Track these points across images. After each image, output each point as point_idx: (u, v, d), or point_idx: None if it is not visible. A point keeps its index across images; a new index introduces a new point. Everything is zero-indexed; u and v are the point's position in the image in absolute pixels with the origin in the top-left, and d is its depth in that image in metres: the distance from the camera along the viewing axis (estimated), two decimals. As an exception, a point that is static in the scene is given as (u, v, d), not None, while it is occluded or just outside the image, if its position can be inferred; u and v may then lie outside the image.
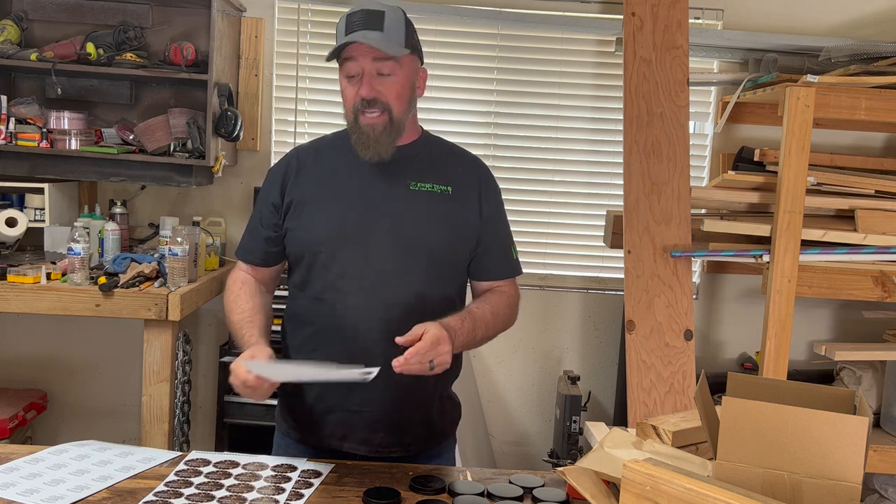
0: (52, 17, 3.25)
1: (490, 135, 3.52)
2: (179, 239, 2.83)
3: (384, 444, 1.81)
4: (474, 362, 3.60)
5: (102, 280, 2.79)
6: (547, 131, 3.53)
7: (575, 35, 3.45)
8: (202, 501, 1.43)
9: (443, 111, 3.49)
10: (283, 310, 1.92)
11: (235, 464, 1.61)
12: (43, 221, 3.10)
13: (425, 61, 1.87)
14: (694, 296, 3.35)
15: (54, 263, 2.95)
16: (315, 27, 3.46)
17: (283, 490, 1.48)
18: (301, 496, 1.48)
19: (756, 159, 3.04)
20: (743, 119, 3.43)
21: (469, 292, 1.95)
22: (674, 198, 2.90)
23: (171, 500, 1.43)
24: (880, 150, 3.50)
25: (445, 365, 1.63)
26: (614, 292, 3.56)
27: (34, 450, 1.65)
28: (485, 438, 3.57)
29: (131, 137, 3.15)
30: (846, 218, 2.93)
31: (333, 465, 1.64)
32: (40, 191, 3.08)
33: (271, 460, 1.63)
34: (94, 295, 2.75)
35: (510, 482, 1.58)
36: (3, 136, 3.00)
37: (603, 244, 3.38)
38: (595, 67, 3.50)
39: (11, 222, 3.01)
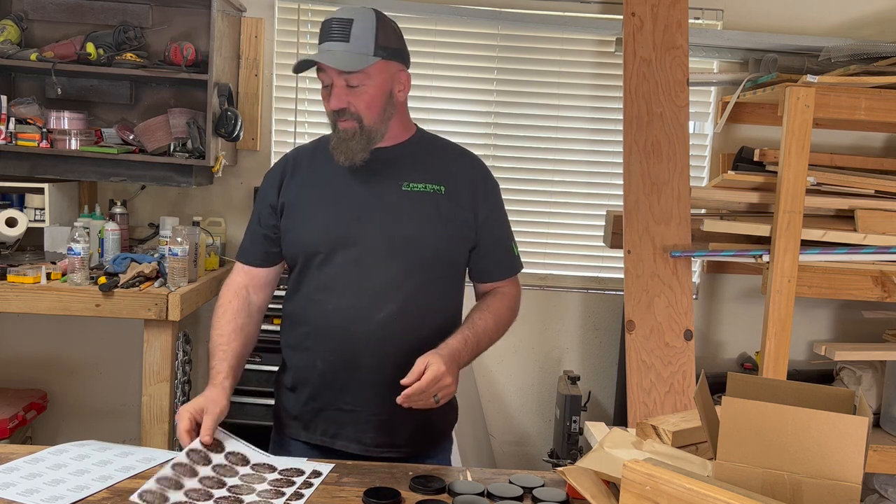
0: (52, 17, 3.25)
1: (490, 135, 3.52)
2: (179, 239, 2.84)
3: (376, 444, 1.81)
4: (474, 362, 3.58)
5: (102, 280, 2.80)
6: (547, 131, 3.53)
7: (575, 35, 3.45)
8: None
9: (443, 111, 3.49)
10: (282, 307, 1.93)
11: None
12: (43, 221, 3.10)
13: (426, 61, 1.87)
14: (694, 296, 3.35)
15: (54, 263, 2.95)
16: (315, 27, 3.46)
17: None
18: (301, 496, 1.48)
19: (756, 159, 3.04)
20: (743, 119, 3.43)
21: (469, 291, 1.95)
22: (674, 198, 2.91)
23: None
24: (880, 150, 3.50)
25: (449, 396, 1.67)
26: (614, 292, 3.56)
27: (34, 450, 1.65)
28: (485, 438, 3.57)
29: (131, 137, 3.15)
30: (846, 218, 2.93)
31: (334, 465, 1.63)
32: (40, 191, 3.08)
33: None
34: (94, 295, 2.75)
35: (510, 482, 1.58)
36: (3, 136, 3.00)
37: (603, 244, 3.38)
38: (595, 67, 3.50)
39: (11, 222, 3.01)
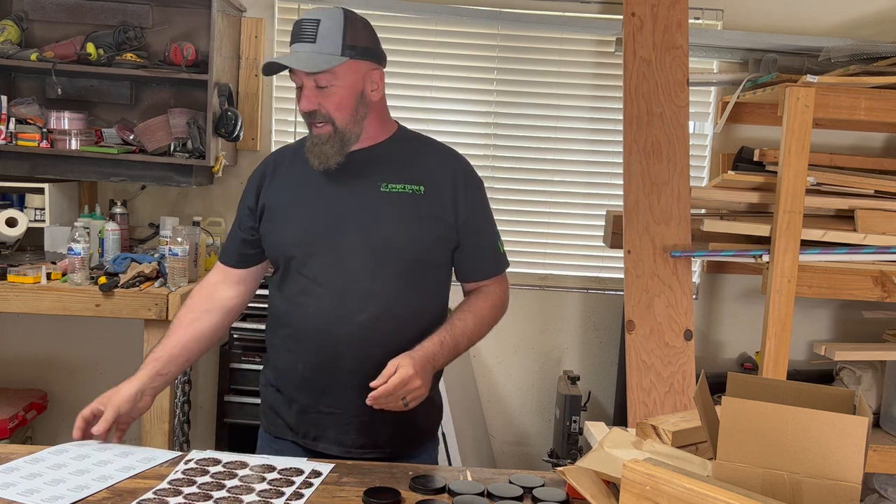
0: (53, 17, 3.25)
1: (490, 135, 3.52)
2: (179, 239, 2.84)
3: (357, 446, 1.80)
4: (474, 362, 3.60)
5: (102, 280, 2.80)
6: (547, 131, 3.53)
7: (574, 35, 3.45)
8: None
9: (443, 111, 3.49)
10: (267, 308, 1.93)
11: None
12: (43, 221, 3.10)
13: (426, 62, 1.87)
14: (694, 296, 3.35)
15: (54, 263, 2.95)
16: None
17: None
18: (301, 496, 1.48)
19: (756, 159, 3.04)
20: (743, 119, 3.43)
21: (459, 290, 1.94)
22: (674, 198, 2.91)
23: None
24: (880, 150, 3.50)
25: (420, 399, 1.66)
26: (614, 292, 3.56)
27: (34, 450, 1.65)
28: (485, 438, 3.57)
29: (131, 137, 3.16)
30: (846, 218, 2.93)
31: (334, 465, 1.64)
32: (40, 191, 3.08)
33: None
34: (95, 295, 2.75)
35: (510, 482, 1.58)
36: (4, 136, 3.00)
37: (603, 244, 3.38)
38: (595, 68, 3.50)
39: (12, 222, 3.01)
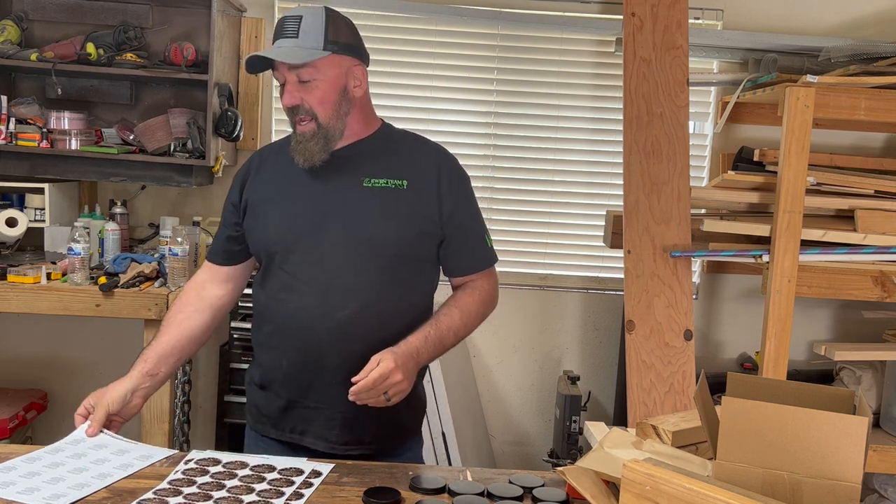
0: (52, 17, 3.25)
1: (490, 135, 3.52)
2: (179, 239, 2.84)
3: (342, 442, 1.80)
4: (474, 362, 3.60)
5: (102, 280, 2.80)
6: (547, 131, 3.53)
7: (574, 35, 3.45)
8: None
9: (443, 111, 3.49)
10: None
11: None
12: (43, 221, 3.10)
13: (426, 62, 1.87)
14: (694, 296, 3.35)
15: (54, 263, 2.95)
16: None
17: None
18: (301, 496, 1.48)
19: (756, 159, 3.04)
20: (743, 119, 3.43)
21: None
22: (674, 198, 2.91)
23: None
24: (880, 150, 3.50)
25: (402, 394, 1.66)
26: (614, 292, 3.56)
27: (33, 450, 1.65)
28: (485, 438, 3.57)
29: (131, 137, 3.15)
30: (846, 218, 2.93)
31: (333, 465, 1.64)
32: (40, 191, 3.08)
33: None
34: (95, 295, 2.75)
35: (510, 482, 1.58)
36: (4, 136, 3.00)
37: (603, 244, 3.39)
38: (595, 68, 3.50)
39: (12, 222, 3.01)
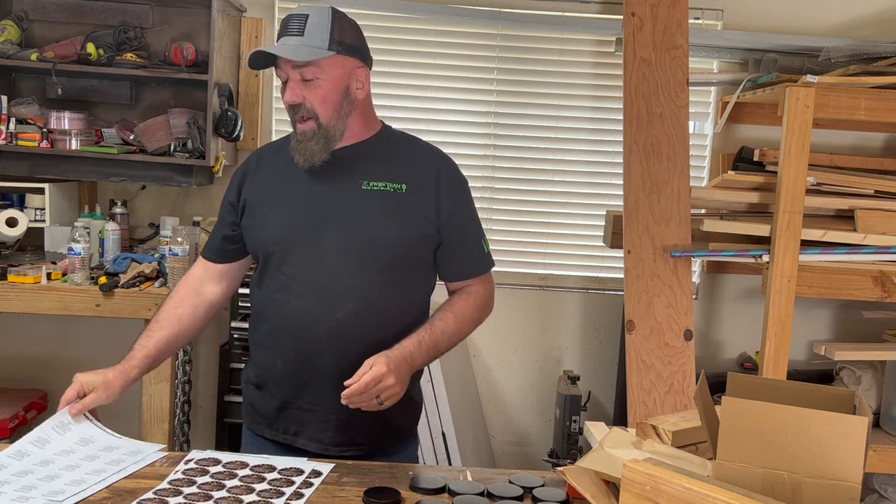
0: (53, 18, 3.25)
1: (490, 135, 3.52)
2: (179, 239, 2.84)
3: (335, 443, 1.80)
4: (474, 362, 3.60)
5: (103, 280, 2.80)
6: (547, 131, 3.53)
7: (574, 35, 3.45)
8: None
9: (443, 111, 3.49)
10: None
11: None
12: (43, 221, 3.10)
13: (426, 62, 1.87)
14: (694, 296, 3.35)
15: (55, 263, 2.95)
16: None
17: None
18: (301, 496, 1.48)
19: (756, 159, 3.04)
20: (743, 119, 3.43)
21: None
22: (674, 198, 2.91)
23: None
24: (880, 150, 3.50)
25: (395, 398, 1.65)
26: (614, 292, 3.56)
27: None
28: (485, 438, 3.57)
29: (131, 137, 3.16)
30: (846, 218, 2.93)
31: (334, 465, 1.64)
32: (41, 191, 3.08)
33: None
34: (95, 295, 2.75)
35: (510, 482, 1.58)
36: (4, 136, 3.00)
37: (603, 244, 3.39)
38: (595, 68, 3.50)
39: (12, 222, 3.01)
